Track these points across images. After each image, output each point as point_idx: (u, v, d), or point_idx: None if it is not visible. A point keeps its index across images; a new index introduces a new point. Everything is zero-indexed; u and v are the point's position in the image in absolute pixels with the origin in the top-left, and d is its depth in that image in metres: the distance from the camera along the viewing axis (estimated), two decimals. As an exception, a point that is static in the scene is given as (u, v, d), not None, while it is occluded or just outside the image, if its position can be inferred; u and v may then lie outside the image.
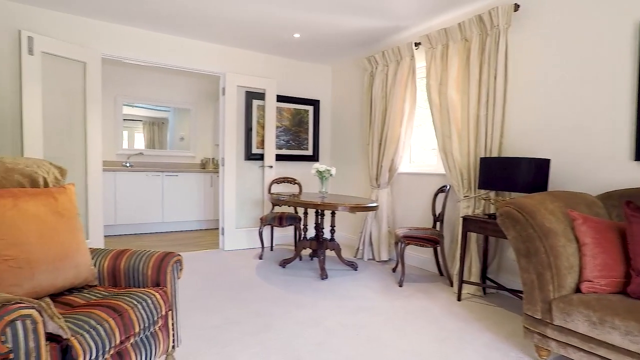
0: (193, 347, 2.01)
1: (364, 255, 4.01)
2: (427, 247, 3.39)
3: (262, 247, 4.01)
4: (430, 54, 3.35)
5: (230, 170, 4.29)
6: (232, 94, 4.26)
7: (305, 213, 3.86)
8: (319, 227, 3.53)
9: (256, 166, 4.48)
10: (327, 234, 4.87)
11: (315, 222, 3.55)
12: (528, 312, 1.85)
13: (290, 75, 4.82)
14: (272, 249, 4.39)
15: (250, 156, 4.41)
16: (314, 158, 5.02)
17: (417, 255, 3.75)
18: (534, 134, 2.74)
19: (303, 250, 4.04)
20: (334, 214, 3.65)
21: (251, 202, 4.47)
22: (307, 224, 3.83)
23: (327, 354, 1.97)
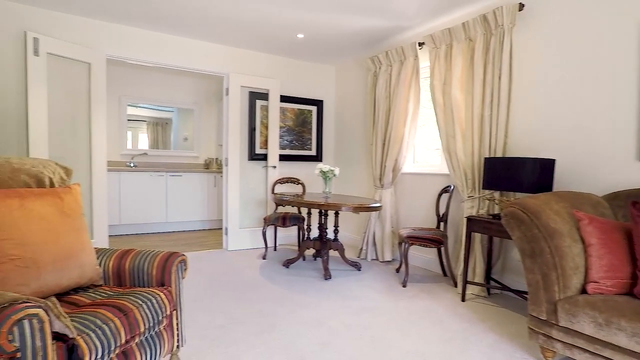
0: (197, 347, 2.02)
1: (368, 255, 4.00)
2: (431, 248, 3.38)
3: (266, 247, 4.01)
4: (434, 54, 3.34)
5: (233, 170, 4.30)
6: (236, 94, 4.27)
7: (308, 213, 3.86)
8: (323, 227, 3.53)
9: (260, 166, 4.49)
10: (331, 234, 4.88)
11: (318, 222, 3.55)
12: (533, 313, 1.84)
13: (293, 75, 4.82)
14: (276, 249, 4.40)
15: (253, 156, 4.42)
16: (318, 158, 5.02)
17: (421, 255, 3.75)
18: (539, 134, 2.72)
19: (306, 250, 4.04)
20: (338, 214, 3.65)
21: (255, 202, 4.48)
22: (311, 224, 3.83)
23: (331, 354, 1.97)
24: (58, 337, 1.16)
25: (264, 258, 3.95)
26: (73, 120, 3.48)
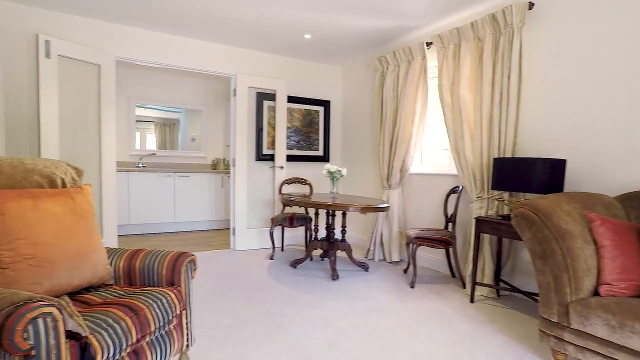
0: (206, 346, 2.03)
1: (375, 256, 3.99)
2: (439, 248, 3.36)
3: (273, 248, 4.02)
4: (442, 54, 3.32)
5: (241, 170, 4.32)
6: (243, 95, 4.28)
7: (316, 213, 3.86)
8: (330, 228, 3.53)
9: (267, 167, 4.50)
10: (338, 235, 4.87)
11: (326, 223, 3.54)
12: (544, 315, 1.82)
13: (300, 76, 4.83)
14: (283, 249, 4.41)
15: (261, 157, 4.43)
16: (325, 158, 5.02)
17: (429, 256, 3.72)
18: (549, 134, 2.69)
19: (314, 250, 4.04)
20: (345, 215, 3.65)
21: (262, 203, 4.49)
22: (318, 225, 3.83)
23: (339, 355, 1.96)
24: (71, 336, 1.17)
25: (272, 258, 3.96)
26: (83, 121, 3.52)
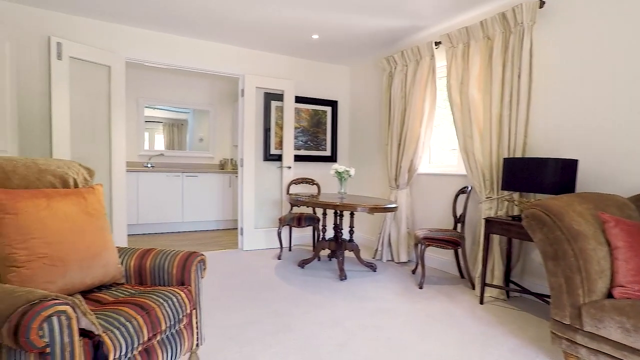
0: (215, 346, 2.04)
1: (383, 256, 3.98)
2: (448, 249, 3.34)
3: (281, 248, 4.03)
4: (450, 53, 3.30)
5: (249, 170, 4.33)
6: (251, 95, 4.30)
7: (324, 214, 3.86)
8: (338, 228, 3.53)
9: (274, 167, 4.51)
10: (346, 235, 4.86)
11: (334, 223, 3.54)
12: (556, 317, 1.80)
13: (308, 76, 4.83)
14: (291, 250, 4.41)
15: (268, 157, 4.44)
16: (332, 159, 5.02)
17: (438, 257, 3.70)
18: (560, 134, 2.66)
19: (322, 251, 4.04)
20: (353, 215, 3.64)
21: (270, 203, 4.50)
22: (326, 225, 3.83)
23: (347, 355, 1.96)
24: (84, 334, 1.19)
25: (279, 258, 3.97)
26: (93, 122, 3.57)
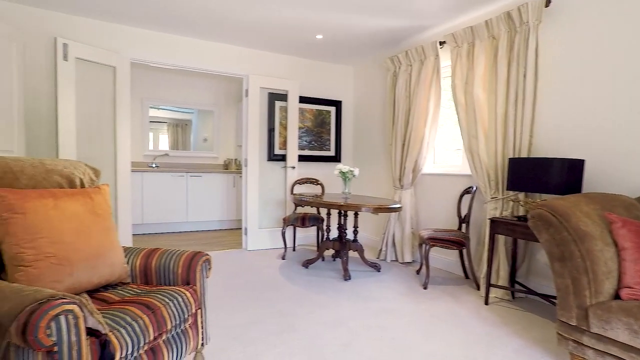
0: (220, 345, 2.05)
1: (387, 256, 3.97)
2: (453, 250, 3.33)
3: (285, 248, 4.03)
4: (455, 53, 3.28)
5: (253, 170, 4.34)
6: (255, 96, 4.31)
7: (328, 214, 3.86)
8: (342, 228, 3.52)
9: (279, 167, 4.51)
10: (350, 235, 4.86)
11: (338, 223, 3.54)
12: (562, 319, 1.79)
13: (312, 76, 4.83)
14: (295, 250, 4.41)
15: (272, 157, 4.45)
16: (336, 159, 5.01)
17: (442, 257, 3.69)
18: (567, 134, 2.64)
19: (326, 251, 4.04)
20: (357, 215, 3.63)
21: (274, 203, 4.51)
22: (330, 225, 3.82)
23: (352, 355, 1.96)
24: (91, 333, 1.19)
25: (283, 258, 3.97)
26: (99, 122, 3.59)
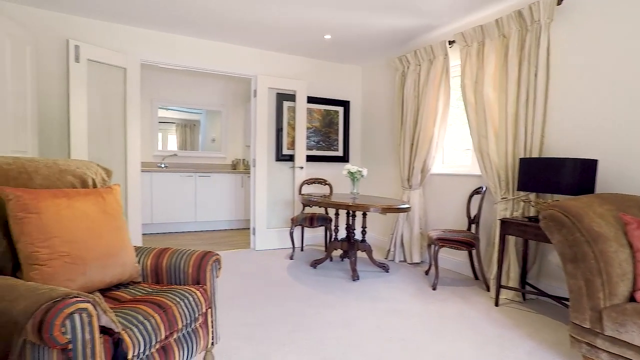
0: (229, 344, 2.05)
1: (395, 257, 3.95)
2: (462, 250, 3.31)
3: (293, 248, 4.04)
4: (465, 52, 3.26)
5: (261, 171, 4.36)
6: (263, 96, 4.32)
7: (336, 214, 3.85)
8: (351, 228, 3.52)
9: (287, 167, 4.52)
10: (358, 235, 4.85)
11: (346, 223, 3.53)
12: (575, 321, 1.76)
13: (320, 76, 4.83)
14: (303, 250, 4.42)
15: (280, 157, 4.46)
16: (344, 159, 5.01)
17: (451, 258, 3.66)
18: (579, 134, 2.60)
19: (334, 251, 4.03)
20: (365, 215, 3.63)
21: (282, 203, 4.52)
22: (338, 225, 3.82)
23: (361, 356, 1.95)
24: (104, 331, 1.21)
25: (291, 258, 3.97)
26: (109, 123, 3.63)
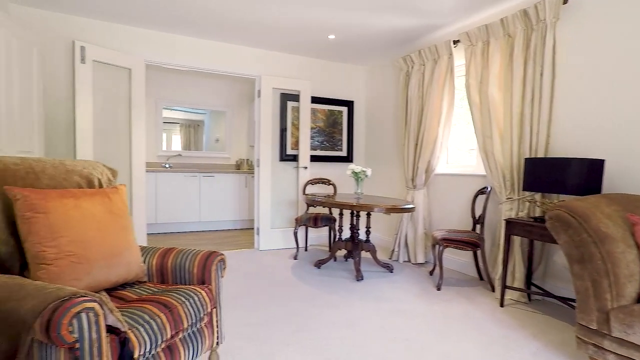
0: (234, 344, 2.06)
1: (399, 257, 3.94)
2: (467, 251, 3.29)
3: (297, 248, 4.04)
4: (469, 52, 3.24)
5: (265, 171, 4.36)
6: (268, 96, 4.33)
7: (340, 214, 3.85)
8: (355, 228, 3.51)
9: (291, 167, 4.52)
10: (362, 235, 4.84)
11: (350, 223, 3.53)
12: (582, 322, 1.75)
13: (324, 76, 4.83)
14: (307, 250, 4.42)
15: (284, 157, 4.46)
16: (348, 159, 5.00)
17: (456, 258, 3.65)
18: (586, 134, 2.58)
19: (338, 251, 4.03)
20: (369, 215, 3.62)
21: (286, 203, 4.52)
22: (342, 225, 3.82)
23: (365, 356, 1.95)
24: (110, 330, 1.21)
25: (295, 258, 3.98)
26: (114, 123, 3.65)
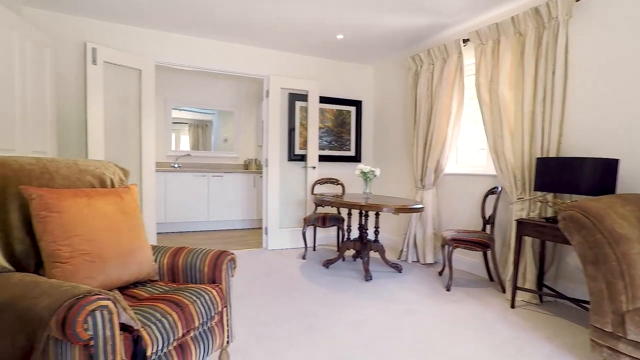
0: (243, 343, 2.07)
1: (408, 257, 3.92)
2: (477, 251, 3.26)
3: (305, 247, 4.04)
4: (479, 51, 3.21)
5: (273, 170, 4.38)
6: (276, 96, 4.34)
7: (349, 214, 3.85)
8: (363, 228, 3.50)
9: (299, 167, 4.53)
10: (371, 235, 4.83)
11: (359, 223, 3.52)
12: (596, 324, 1.72)
13: (332, 76, 4.83)
14: (315, 249, 4.42)
15: (293, 157, 4.47)
16: (357, 159, 4.99)
17: (465, 259, 3.62)
18: (599, 133, 2.54)
19: (346, 251, 4.03)
20: (378, 215, 3.61)
21: (294, 203, 4.53)
22: (351, 225, 3.81)
23: (374, 356, 1.94)
24: (123, 328, 1.23)
25: (304, 258, 3.98)
26: (125, 123, 3.69)
